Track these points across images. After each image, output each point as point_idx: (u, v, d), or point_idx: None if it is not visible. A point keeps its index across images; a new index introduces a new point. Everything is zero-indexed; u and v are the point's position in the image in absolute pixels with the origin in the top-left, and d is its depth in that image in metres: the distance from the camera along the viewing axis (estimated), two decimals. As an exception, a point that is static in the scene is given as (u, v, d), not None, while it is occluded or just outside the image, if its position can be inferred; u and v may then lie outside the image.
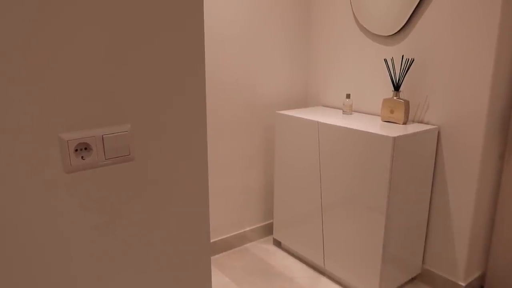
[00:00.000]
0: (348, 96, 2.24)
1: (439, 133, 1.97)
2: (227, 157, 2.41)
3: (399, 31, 2.05)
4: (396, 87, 2.00)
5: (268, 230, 2.70)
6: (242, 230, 2.58)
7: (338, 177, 2.03)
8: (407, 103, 1.98)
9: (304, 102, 2.70)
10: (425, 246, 2.13)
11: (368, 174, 1.87)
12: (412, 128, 1.90)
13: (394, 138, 1.74)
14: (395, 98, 2.01)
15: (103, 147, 0.80)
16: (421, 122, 2.05)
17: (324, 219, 2.16)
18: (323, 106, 2.58)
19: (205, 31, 2.15)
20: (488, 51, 1.74)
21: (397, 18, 2.04)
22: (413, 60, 2.00)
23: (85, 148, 0.78)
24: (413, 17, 1.99)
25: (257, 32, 2.35)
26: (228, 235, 2.52)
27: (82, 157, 0.78)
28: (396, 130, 1.86)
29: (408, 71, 2.04)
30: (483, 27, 1.74)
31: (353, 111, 2.38)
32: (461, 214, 1.95)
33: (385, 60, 2.07)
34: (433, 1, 1.90)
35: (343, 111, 2.28)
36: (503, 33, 1.72)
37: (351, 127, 1.92)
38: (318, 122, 2.08)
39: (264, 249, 2.56)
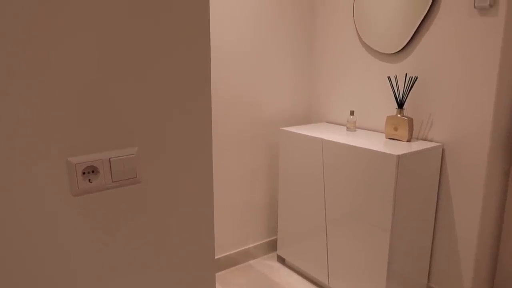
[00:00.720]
0: (352, 113, 2.25)
1: (443, 150, 1.98)
2: (232, 173, 2.41)
3: (402, 49, 2.07)
4: (400, 105, 2.01)
5: (272, 246, 2.69)
6: (246, 247, 2.57)
7: (342, 194, 2.03)
8: (410, 121, 1.99)
9: (308, 118, 2.71)
10: (430, 263, 2.11)
11: (373, 191, 1.87)
12: (416, 146, 1.91)
13: (398, 156, 1.74)
14: (398, 115, 2.01)
15: (110, 170, 0.81)
16: (425, 139, 2.05)
17: (329, 236, 2.15)
18: (327, 122, 2.59)
19: (211, 49, 2.18)
20: (491, 68, 1.75)
21: (400, 36, 2.06)
22: (417, 78, 2.01)
23: (93, 171, 0.80)
24: (416, 36, 2.01)
25: (262, 49, 2.38)
26: (232, 252, 2.51)
27: (89, 180, 0.80)
28: (400, 148, 1.86)
29: (412, 89, 2.05)
30: (485, 45, 1.76)
31: (357, 127, 2.39)
32: (466, 231, 1.94)
33: (389, 78, 2.09)
34: (436, 19, 1.92)
35: (347, 127, 2.29)
36: (506, 50, 1.73)
37: (355, 144, 1.93)
38: (322, 139, 2.09)
39: (268, 265, 2.55)
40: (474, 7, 1.76)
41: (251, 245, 2.59)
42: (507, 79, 1.79)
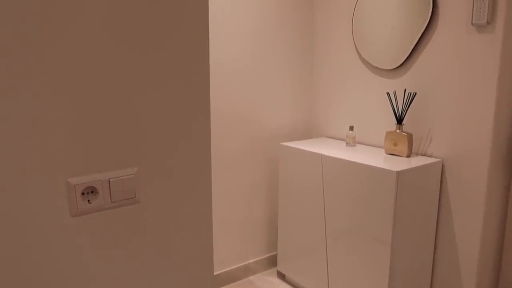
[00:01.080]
0: (351, 128, 2.26)
1: (443, 165, 1.97)
2: (232, 189, 2.41)
3: (401, 65, 2.08)
4: (399, 120, 2.02)
5: (272, 262, 2.67)
6: (246, 262, 2.55)
7: (342, 210, 2.02)
8: (410, 136, 1.99)
9: (308, 133, 2.72)
10: (432, 278, 2.10)
11: (373, 207, 1.86)
12: (415, 161, 1.91)
13: (398, 172, 1.74)
14: (398, 131, 2.02)
15: (110, 190, 0.81)
16: (424, 154, 2.05)
17: (329, 251, 2.14)
18: (327, 137, 2.59)
19: (210, 65, 2.20)
20: (490, 84, 1.76)
21: (398, 53, 2.08)
22: (416, 94, 2.02)
23: (92, 192, 0.80)
24: (414, 52, 2.03)
25: (261, 65, 2.40)
26: (232, 267, 2.49)
27: (88, 200, 0.80)
28: (399, 164, 1.86)
29: (411, 104, 2.06)
30: (483, 61, 1.77)
31: (357, 142, 2.39)
32: (468, 246, 1.92)
33: (388, 94, 2.10)
34: (434, 36, 1.94)
35: (347, 142, 2.29)
36: (504, 67, 1.75)
37: (354, 160, 1.93)
38: (321, 154, 2.09)
39: (268, 281, 2.52)
40: (472, 24, 1.78)
41: (251, 261, 2.57)
42: (505, 95, 1.80)
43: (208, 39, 0.90)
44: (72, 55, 0.74)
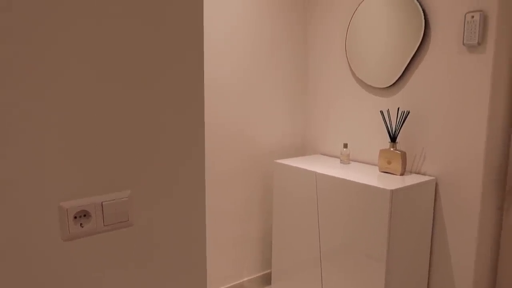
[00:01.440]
0: (345, 145, 2.27)
1: (436, 184, 1.98)
2: (226, 206, 2.39)
3: (394, 83, 2.11)
4: (393, 138, 2.03)
5: (266, 280, 2.64)
6: (240, 280, 2.52)
7: (336, 227, 2.01)
8: (403, 154, 2.00)
9: (303, 150, 2.72)
10: (427, 300, 2.08)
11: (367, 225, 1.86)
12: (409, 180, 1.91)
13: (392, 191, 1.75)
14: (391, 149, 2.03)
15: (102, 214, 0.80)
16: (418, 173, 2.06)
17: (323, 269, 2.12)
18: (321, 154, 2.60)
19: (205, 82, 2.21)
20: (482, 104, 1.78)
21: (391, 72, 2.10)
22: (409, 113, 2.04)
23: (84, 215, 0.79)
24: (407, 71, 2.05)
25: (256, 83, 2.42)
26: (226, 286, 2.46)
27: (81, 224, 0.79)
28: (393, 182, 1.86)
29: (404, 123, 2.08)
30: (475, 81, 1.80)
31: (351, 160, 2.39)
32: (462, 265, 1.92)
33: (381, 112, 2.12)
34: (426, 56, 1.97)
35: (341, 160, 2.30)
36: (495, 86, 1.77)
37: (348, 178, 1.93)
38: (316, 172, 2.09)
39: (262, 300, 2.49)
40: (463, 44, 1.81)
41: (245, 279, 2.54)
42: (497, 114, 1.82)
43: (203, 65, 0.91)
44: (65, 84, 0.73)
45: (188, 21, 0.87)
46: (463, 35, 1.80)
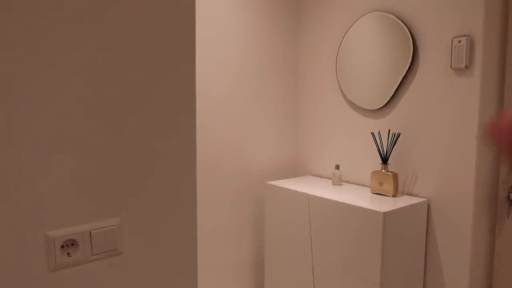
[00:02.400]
0: (337, 167, 2.27)
1: (428, 205, 1.98)
2: (217, 228, 2.36)
3: (384, 105, 2.13)
4: (384, 160, 2.04)
5: (258, 304, 2.59)
6: (232, 305, 2.47)
7: (329, 250, 1.99)
8: (395, 176, 2.01)
9: (294, 171, 2.72)
10: (421, 323, 2.05)
11: (360, 247, 1.84)
12: (401, 202, 1.91)
13: (385, 213, 1.74)
14: (383, 170, 2.03)
15: (91, 242, 0.78)
16: (410, 194, 2.06)
17: (317, 294, 2.08)
18: (313, 175, 2.59)
19: (196, 102, 2.21)
20: (471, 126, 1.80)
21: (382, 94, 2.12)
22: (399, 134, 2.06)
23: (72, 244, 0.77)
24: (397, 93, 2.08)
25: (247, 104, 2.42)
26: (217, 311, 2.40)
27: (68, 253, 0.76)
28: (386, 204, 1.86)
29: (395, 144, 2.09)
30: (463, 103, 1.82)
31: (343, 181, 2.39)
32: (456, 286, 1.90)
33: (372, 134, 2.13)
34: (415, 79, 2.00)
35: (333, 181, 2.29)
36: (483, 109, 1.80)
37: (341, 200, 1.92)
38: (308, 194, 2.08)
39: (255, 325, 2.43)
40: (451, 68, 1.84)
41: (236, 303, 2.49)
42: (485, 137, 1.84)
43: (195, 92, 0.91)
44: (52, 108, 0.72)
45: (179, 50, 0.88)
46: (451, 58, 1.84)
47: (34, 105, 0.70)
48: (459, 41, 1.80)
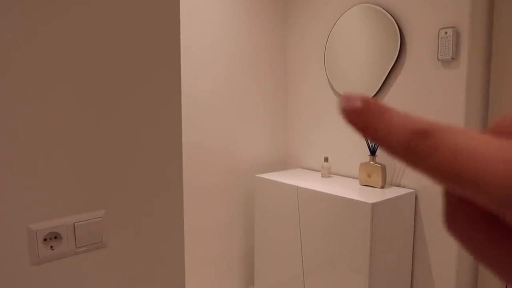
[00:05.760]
0: (326, 159, 2.27)
1: (416, 196, 2.00)
2: (206, 222, 2.36)
3: (372, 97, 2.13)
4: (372, 152, 2.05)
5: (249, 297, 2.60)
6: (222, 298, 2.47)
7: (319, 242, 2.00)
8: (383, 168, 2.02)
9: (284, 164, 2.72)
10: (410, 313, 2.08)
11: (349, 238, 1.85)
12: (389, 193, 1.92)
13: (373, 204, 1.75)
14: (371, 162, 2.04)
15: (74, 235, 0.77)
16: (398, 185, 2.08)
17: (306, 283, 2.09)
18: (302, 168, 2.60)
19: (184, 96, 2.19)
20: (457, 117, 1.82)
21: (370, 86, 2.13)
22: (387, 126, 2.06)
23: (55, 237, 0.75)
24: (385, 85, 2.09)
25: (236, 97, 2.41)
26: (207, 304, 2.40)
27: (51, 246, 0.75)
28: (374, 195, 1.87)
29: (383, 136, 2.10)
30: (450, 94, 1.84)
31: (332, 173, 2.40)
32: (443, 276, 1.93)
33: (360, 125, 2.13)
34: (402, 71, 2.00)
35: (322, 174, 2.30)
36: (469, 99, 1.81)
37: (330, 192, 1.93)
38: (297, 187, 2.08)
39: (245, 318, 2.44)
40: (438, 59, 1.85)
41: (227, 297, 2.49)
42: (473, 127, 1.86)
43: (180, 84, 0.90)
44: (35, 100, 0.71)
45: (164, 35, 0.86)
46: (438, 50, 1.85)
47: (16, 99, 0.69)
48: (446, 33, 1.81)
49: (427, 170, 0.16)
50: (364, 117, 0.17)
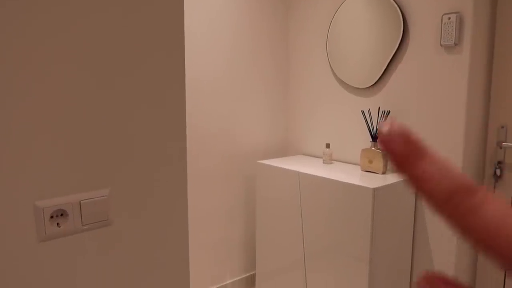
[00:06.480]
0: (327, 145, 2.28)
1: (417, 182, 2.01)
2: (208, 208, 2.37)
3: (374, 84, 2.13)
4: (374, 138, 2.05)
5: (250, 282, 2.63)
6: (223, 283, 2.50)
7: (320, 227, 2.02)
8: (385, 153, 2.02)
9: (285, 151, 2.73)
10: (409, 297, 2.11)
11: (350, 224, 1.87)
12: (391, 178, 1.93)
13: (374, 189, 1.76)
14: (373, 148, 2.05)
15: (80, 213, 0.78)
16: (399, 171, 2.08)
17: (307, 269, 2.12)
18: (304, 155, 2.61)
19: (186, 81, 2.19)
20: (460, 102, 1.82)
21: (371, 72, 2.13)
22: (389, 112, 2.07)
23: (61, 214, 0.77)
24: (387, 71, 2.08)
25: (237, 84, 2.41)
26: (209, 289, 2.44)
27: (57, 224, 0.76)
28: (375, 181, 1.88)
29: (385, 122, 2.10)
30: (453, 80, 1.83)
31: (333, 160, 2.41)
32: (443, 261, 1.95)
33: (362, 112, 2.14)
34: (405, 57, 2.00)
35: (323, 160, 2.31)
36: (472, 85, 1.81)
37: (331, 177, 1.94)
38: (299, 172, 2.09)
39: (246, 302, 2.47)
40: (441, 45, 1.84)
41: (228, 281, 2.52)
42: (475, 113, 1.86)
43: (184, 62, 0.90)
44: (39, 79, 0.71)
45: (169, 16, 0.86)
46: (441, 36, 1.84)
47: (23, 76, 0.69)
48: (449, 18, 1.80)
49: (463, 225, 0.16)
50: (405, 151, 0.17)
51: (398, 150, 0.18)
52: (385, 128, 0.18)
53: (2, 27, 0.66)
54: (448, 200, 0.16)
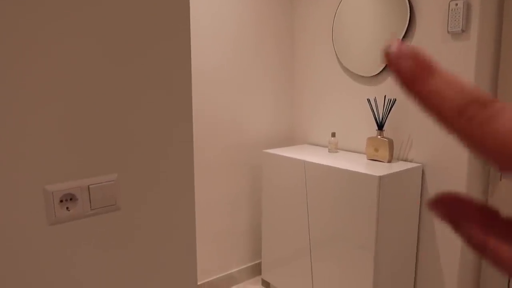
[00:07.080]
0: (333, 134, 2.28)
1: (423, 170, 2.01)
2: (214, 197, 2.39)
3: (380, 72, 2.12)
4: (380, 126, 2.05)
5: (256, 270, 2.65)
6: (230, 271, 2.52)
7: (326, 216, 2.03)
8: (391, 142, 2.02)
9: (291, 140, 2.73)
10: (415, 282, 2.11)
11: (356, 212, 1.87)
12: (397, 167, 1.93)
13: (380, 177, 1.76)
14: (379, 137, 2.05)
15: (89, 197, 0.79)
16: (405, 160, 2.08)
17: (313, 258, 2.13)
18: (309, 144, 2.61)
19: (193, 72, 2.19)
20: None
21: (377, 60, 2.11)
22: (395, 100, 2.06)
23: (71, 199, 0.78)
24: (393, 59, 2.06)
25: (243, 73, 2.41)
26: (215, 277, 2.46)
27: (67, 207, 0.77)
28: (381, 169, 1.88)
29: (391, 111, 2.10)
30: (459, 67, 1.82)
31: (339, 149, 2.41)
32: (449, 250, 1.95)
33: (368, 100, 2.13)
34: (412, 43, 1.98)
35: (329, 149, 2.31)
36: (479, 72, 1.79)
37: (337, 166, 1.94)
38: (304, 161, 2.10)
39: (253, 290, 2.50)
40: (448, 32, 1.82)
41: (234, 270, 2.55)
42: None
43: (190, 49, 0.90)
44: (48, 64, 0.72)
45: (175, 5, 0.86)
46: (448, 23, 1.82)
47: (30, 58, 0.70)
48: (456, 5, 1.78)
49: (477, 138, 0.16)
50: (414, 68, 0.17)
51: (407, 67, 0.17)
52: (392, 46, 0.18)
53: None
54: (462, 113, 0.16)
